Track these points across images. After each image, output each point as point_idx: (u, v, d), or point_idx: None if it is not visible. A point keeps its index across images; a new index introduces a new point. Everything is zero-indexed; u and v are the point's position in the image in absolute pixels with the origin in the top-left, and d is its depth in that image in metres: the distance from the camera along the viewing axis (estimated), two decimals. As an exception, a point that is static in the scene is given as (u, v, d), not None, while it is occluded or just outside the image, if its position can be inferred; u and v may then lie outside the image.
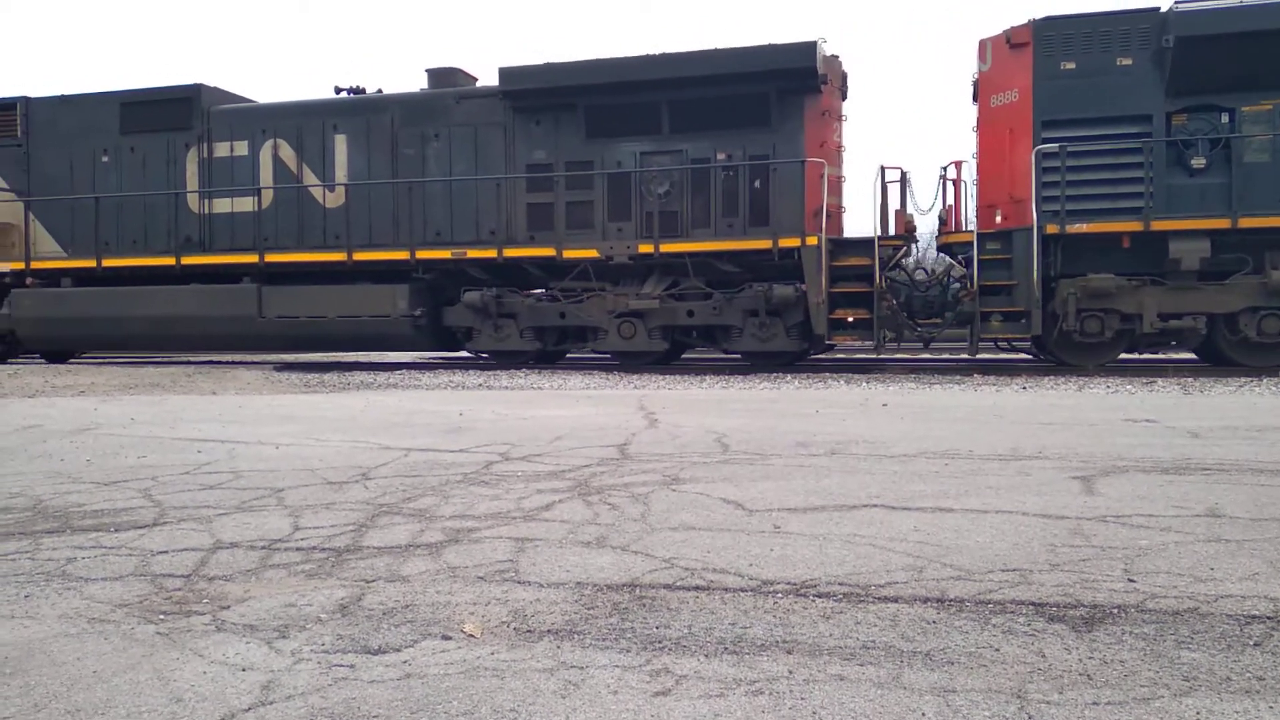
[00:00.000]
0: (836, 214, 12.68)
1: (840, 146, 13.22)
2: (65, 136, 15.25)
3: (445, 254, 13.47)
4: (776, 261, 12.35)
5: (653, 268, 13.03)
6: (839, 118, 13.21)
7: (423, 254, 13.52)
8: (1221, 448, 5.27)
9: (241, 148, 14.55)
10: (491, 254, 13.34)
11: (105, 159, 15.14)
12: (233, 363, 16.17)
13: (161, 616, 2.57)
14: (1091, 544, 3.15)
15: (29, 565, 3.12)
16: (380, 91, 14.65)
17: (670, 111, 12.83)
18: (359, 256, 13.72)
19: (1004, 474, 4.48)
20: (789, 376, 11.68)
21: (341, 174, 14.16)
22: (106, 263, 14.65)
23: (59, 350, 16.56)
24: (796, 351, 13.00)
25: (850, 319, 12.11)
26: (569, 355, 14.80)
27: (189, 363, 16.22)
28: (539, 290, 13.72)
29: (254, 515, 3.81)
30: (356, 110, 14.29)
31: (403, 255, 13.54)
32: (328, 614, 2.56)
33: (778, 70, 12.26)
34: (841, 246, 12.43)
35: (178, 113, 14.83)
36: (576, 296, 13.21)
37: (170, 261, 14.42)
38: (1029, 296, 11.44)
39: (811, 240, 12.09)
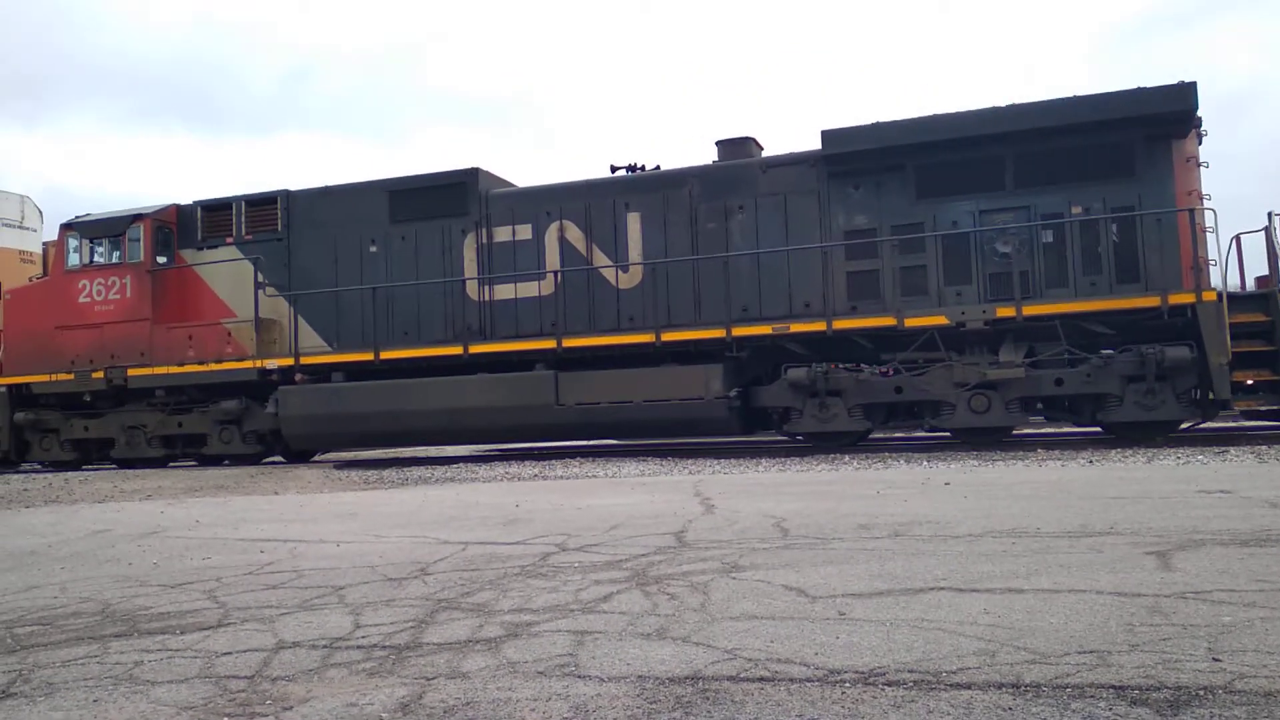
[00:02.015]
0: (1205, 267, 11.68)
1: (1203, 195, 12.07)
2: (329, 228, 14.88)
3: (765, 330, 12.60)
4: (1166, 320, 11.24)
5: (1003, 334, 11.99)
6: (1199, 163, 12.10)
7: (739, 331, 12.67)
8: (1304, 517, 5.06)
9: (524, 231, 14.05)
10: (819, 327, 12.38)
11: (374, 249, 14.70)
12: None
13: (225, 719, 2.57)
14: (1171, 622, 3.03)
15: (98, 669, 3.15)
16: (658, 168, 14.10)
17: (1015, 165, 12.07)
18: (667, 337, 12.99)
19: (1075, 551, 4.34)
20: (847, 457, 11.52)
21: (635, 253, 13.59)
22: (384, 355, 14.10)
23: (324, 449, 16.20)
24: (1181, 420, 11.78)
25: (1250, 381, 11.04)
26: (873, 435, 13.74)
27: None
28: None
29: (315, 614, 3.82)
30: (651, 186, 13.73)
31: (717, 333, 12.75)
32: (389, 713, 2.54)
33: (1147, 115, 11.47)
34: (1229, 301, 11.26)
35: (453, 198, 14.38)
36: (916, 369, 12.18)
37: (457, 351, 13.81)
38: None
39: (1209, 296, 11.00)
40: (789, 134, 71.61)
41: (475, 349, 13.80)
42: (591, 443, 15.43)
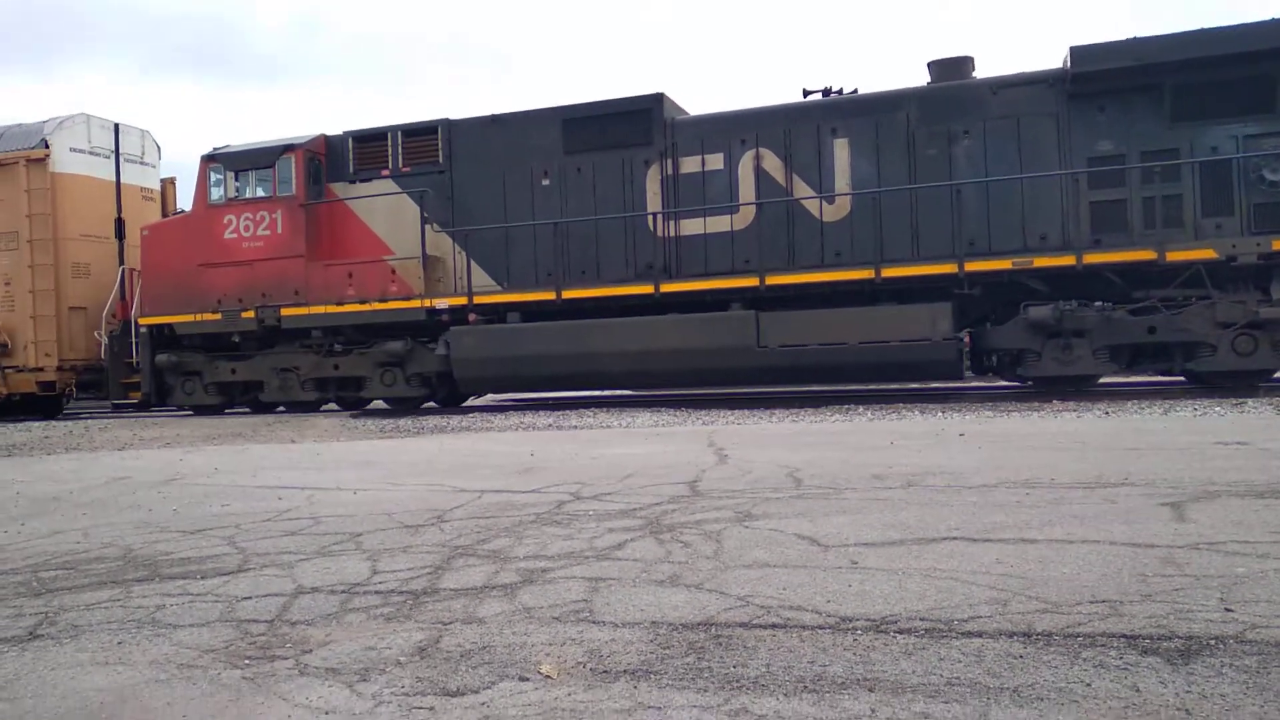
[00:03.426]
0: None
1: None
2: (496, 160, 13.91)
3: (1003, 264, 11.62)
4: None
5: (1271, 269, 11.10)
6: None
7: (973, 266, 11.68)
8: (1321, 469, 5.04)
9: (715, 161, 13.03)
10: (1067, 261, 11.39)
11: (546, 182, 13.72)
12: (311, 411, 16.43)
13: (247, 661, 2.62)
14: (1184, 573, 3.03)
15: (121, 613, 3.21)
16: (856, 91, 13.07)
17: None
18: (889, 273, 12.01)
19: (1089, 502, 4.35)
20: (861, 408, 11.52)
21: (843, 183, 12.52)
22: (567, 294, 13.26)
23: (495, 391, 15.75)
24: None
25: None
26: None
27: (270, 412, 16.59)
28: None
29: (333, 560, 3.88)
30: (861, 110, 12.67)
31: (947, 269, 11.77)
32: (407, 657, 2.59)
33: None
34: None
35: (635, 127, 13.35)
36: (1173, 307, 11.27)
37: (647, 289, 12.94)
38: None
39: None
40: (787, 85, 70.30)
41: (667, 287, 12.90)
42: (795, 389, 14.55)
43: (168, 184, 18.68)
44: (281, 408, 15.44)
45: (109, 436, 11.96)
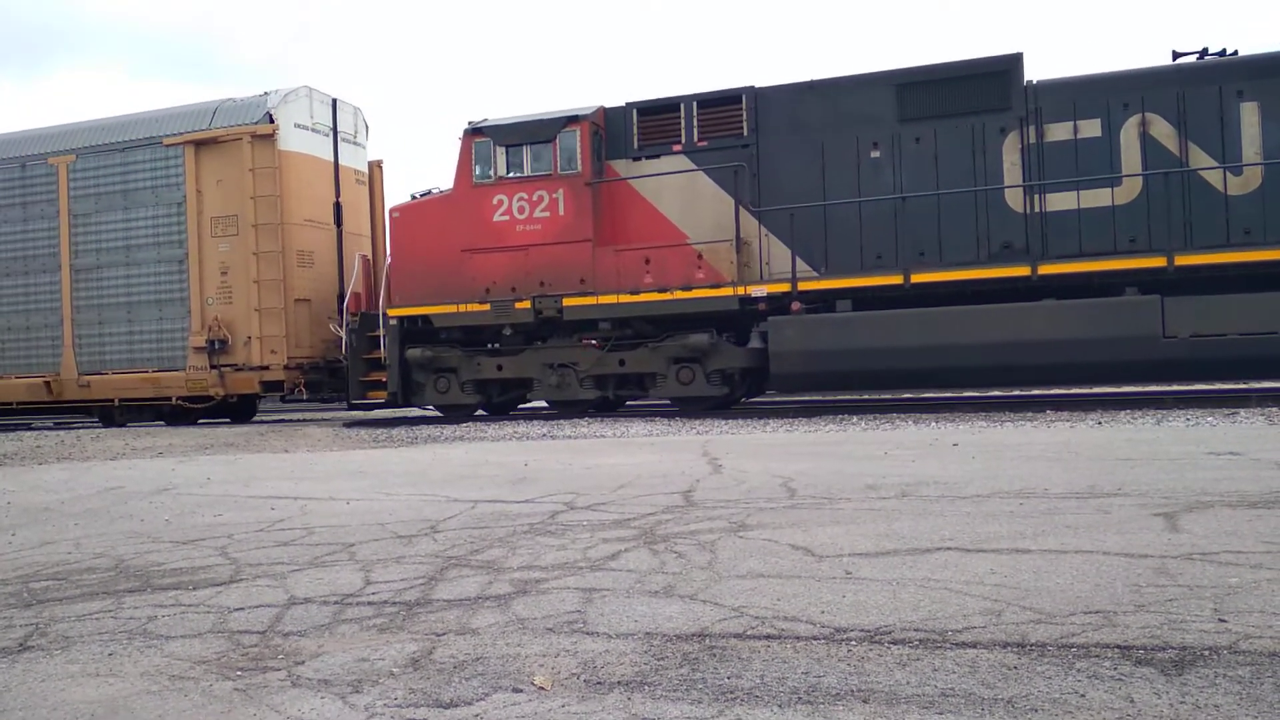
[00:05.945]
0: None
1: None
2: (812, 131, 12.62)
3: None
4: None
5: None
6: None
7: None
8: (1313, 479, 5.05)
9: (1090, 127, 11.72)
10: None
11: (875, 154, 12.42)
12: (302, 421, 16.42)
13: (239, 673, 2.61)
14: (1178, 583, 3.04)
15: (112, 624, 3.20)
16: (1224, 52, 11.85)
17: None
18: None
19: (1082, 513, 4.35)
20: (855, 418, 11.53)
21: (1251, 151, 11.29)
22: (916, 278, 11.91)
23: (818, 390, 14.32)
24: None
25: None
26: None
27: (260, 422, 16.57)
28: None
29: (326, 570, 3.86)
30: (1275, 70, 11.33)
31: None
32: (400, 668, 2.58)
33: None
34: None
35: (989, 91, 12.06)
36: None
37: (1021, 271, 11.61)
38: None
39: None
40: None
41: (1045, 269, 11.55)
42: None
43: (375, 166, 17.26)
44: (565, 409, 14.06)
45: (101, 446, 11.92)
